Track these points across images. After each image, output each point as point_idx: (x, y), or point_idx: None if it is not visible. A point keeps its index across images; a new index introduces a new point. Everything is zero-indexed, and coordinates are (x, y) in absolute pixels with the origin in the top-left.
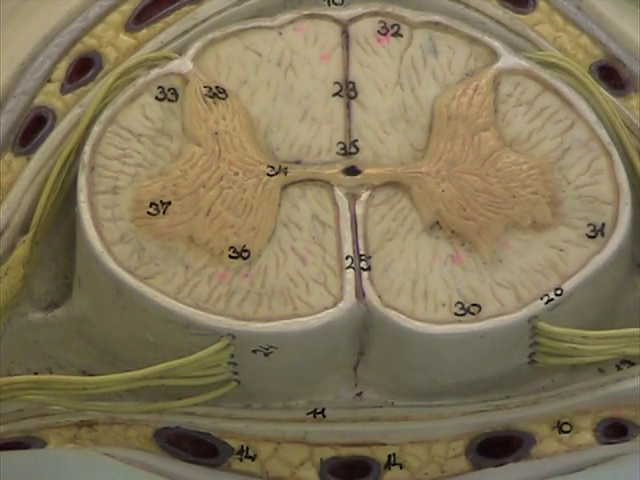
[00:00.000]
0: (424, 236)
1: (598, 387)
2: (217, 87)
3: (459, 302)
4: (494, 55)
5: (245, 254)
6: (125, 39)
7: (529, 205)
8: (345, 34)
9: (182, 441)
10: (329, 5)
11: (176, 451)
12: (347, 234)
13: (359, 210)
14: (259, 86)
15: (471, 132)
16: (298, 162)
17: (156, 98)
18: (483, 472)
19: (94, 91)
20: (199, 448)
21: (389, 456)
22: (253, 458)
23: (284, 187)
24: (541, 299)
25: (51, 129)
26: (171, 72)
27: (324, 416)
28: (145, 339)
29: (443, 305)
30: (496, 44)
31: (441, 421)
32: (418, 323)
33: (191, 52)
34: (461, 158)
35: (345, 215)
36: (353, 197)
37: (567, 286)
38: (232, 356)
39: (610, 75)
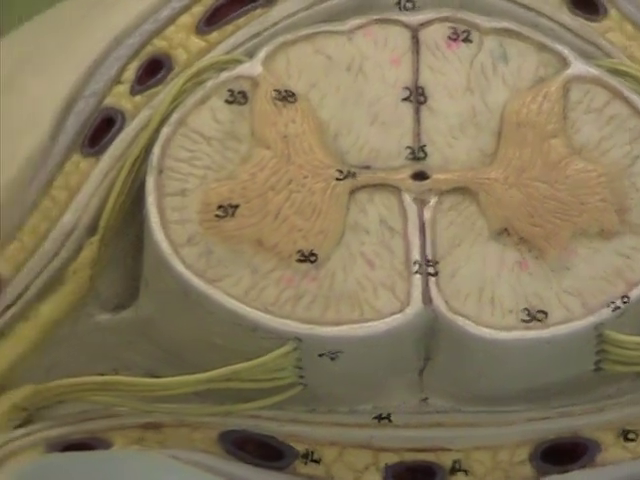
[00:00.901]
0: (491, 242)
1: None
2: (287, 90)
3: (526, 308)
4: (564, 62)
5: (313, 258)
6: (196, 41)
7: (597, 213)
8: (415, 39)
9: (247, 444)
10: (400, 10)
11: (241, 454)
12: (415, 239)
13: (427, 215)
14: (329, 90)
15: (540, 139)
16: (367, 167)
17: (226, 101)
18: (548, 479)
19: (164, 93)
20: (264, 451)
21: (454, 462)
22: (318, 462)
23: (352, 191)
24: (608, 306)
25: (120, 130)
26: (241, 75)
27: (389, 421)
28: (212, 342)
29: (510, 311)
30: (566, 51)
31: (506, 427)
32: (485, 329)
33: (261, 55)
34: (530, 165)
35: (413, 220)
36: (421, 202)
37: (634, 293)
38: (298, 360)
39: None
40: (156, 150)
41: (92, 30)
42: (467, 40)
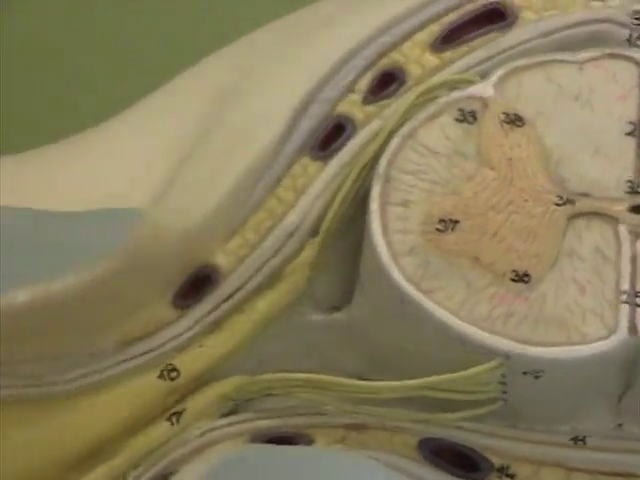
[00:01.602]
0: None
1: None
2: (515, 114)
3: None
4: None
5: (526, 278)
6: (430, 58)
7: None
8: None
9: (445, 452)
10: (630, 46)
11: (438, 461)
12: (626, 270)
13: (639, 248)
14: (555, 118)
15: None
16: (586, 195)
17: (456, 119)
18: None
19: (395, 105)
20: (461, 461)
21: None
22: (512, 477)
23: (570, 218)
24: None
25: (350, 138)
26: (472, 95)
27: (584, 443)
28: (420, 350)
29: None
30: None
31: None
32: None
33: (494, 78)
34: None
35: (626, 251)
36: (635, 235)
37: None
38: (503, 376)
39: None
40: (384, 160)
41: (329, 39)
42: None
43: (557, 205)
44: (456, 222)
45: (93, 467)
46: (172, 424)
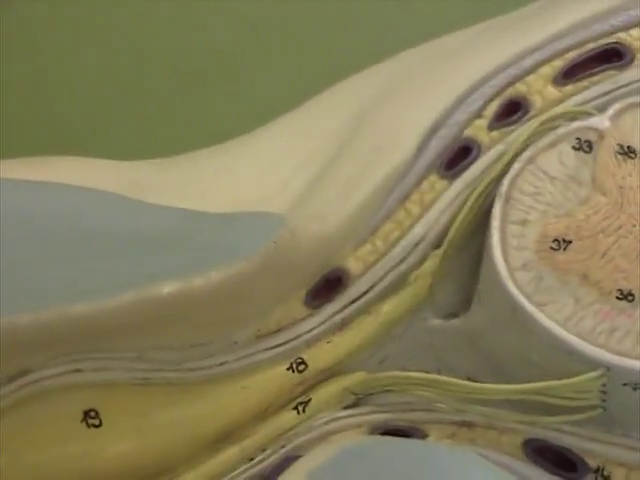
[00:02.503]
0: None
1: None
2: (629, 147)
3: None
4: None
5: (630, 297)
6: (552, 91)
7: None
8: None
9: (546, 453)
10: None
11: (540, 461)
12: None
13: None
14: None
15: None
16: None
17: (573, 147)
18: None
19: (518, 132)
20: (561, 461)
21: None
22: (607, 478)
23: None
24: None
25: (475, 160)
26: (589, 127)
27: None
28: (530, 358)
29: None
30: None
31: None
32: None
33: (610, 112)
34: None
35: None
36: None
37: None
38: (603, 385)
39: None
40: (506, 181)
41: (463, 66)
42: None
43: None
44: (569, 242)
45: (224, 448)
46: (298, 413)
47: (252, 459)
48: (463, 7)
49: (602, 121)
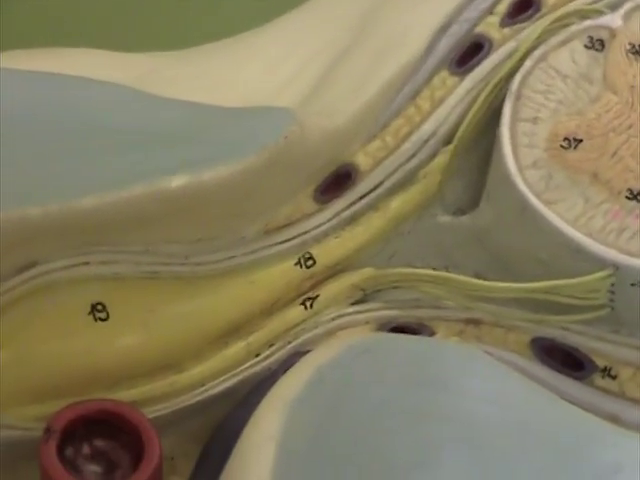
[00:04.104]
0: None
1: None
2: None
3: None
4: None
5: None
6: None
7: None
8: None
9: (554, 352)
10: None
11: (547, 360)
12: None
13: None
14: None
15: None
16: None
17: (585, 46)
18: None
19: (530, 30)
20: (568, 360)
21: None
22: (614, 378)
23: None
24: None
25: (486, 56)
26: (602, 25)
27: None
28: (538, 257)
29: None
30: None
31: None
32: None
33: (622, 10)
34: None
35: None
36: None
37: None
38: (612, 285)
39: None
40: (517, 78)
41: None
42: None
43: None
44: (580, 141)
45: (231, 343)
46: (306, 308)
47: (258, 354)
48: None
49: (614, 19)
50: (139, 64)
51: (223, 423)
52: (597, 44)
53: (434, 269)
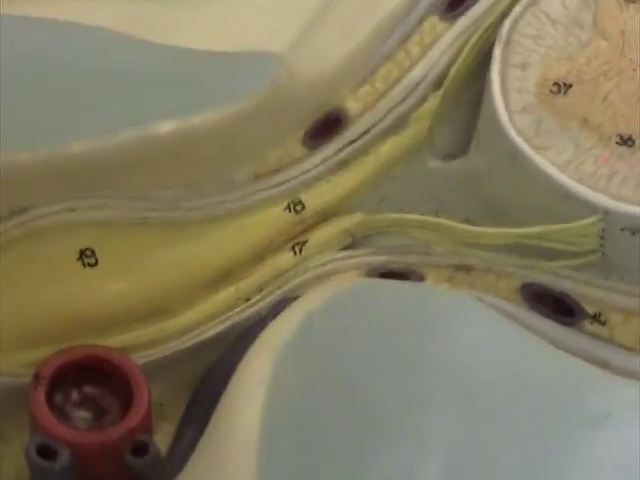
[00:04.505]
0: None
1: None
2: None
3: None
4: None
5: (630, 143)
6: None
7: None
8: None
9: (544, 297)
10: None
11: (537, 306)
12: None
13: None
14: None
15: None
16: None
17: None
18: None
19: None
20: (558, 306)
21: None
22: (604, 324)
23: None
24: None
25: (476, 1)
26: None
27: None
28: (529, 203)
29: None
30: None
31: None
32: None
33: None
34: None
35: None
36: None
37: None
38: (602, 230)
39: None
40: (507, 24)
41: None
42: None
43: None
44: (570, 86)
45: (221, 288)
46: (295, 253)
47: (249, 299)
48: None
49: None
50: (129, 10)
51: (212, 368)
52: None
53: (423, 214)
